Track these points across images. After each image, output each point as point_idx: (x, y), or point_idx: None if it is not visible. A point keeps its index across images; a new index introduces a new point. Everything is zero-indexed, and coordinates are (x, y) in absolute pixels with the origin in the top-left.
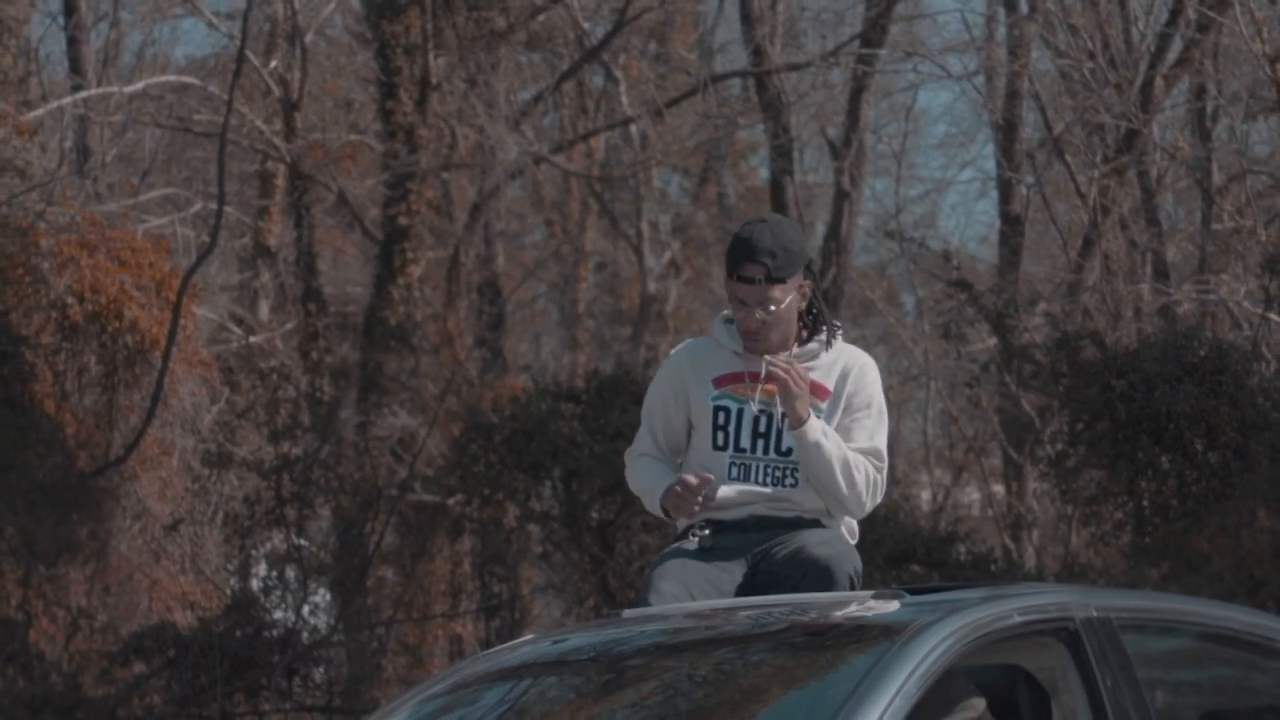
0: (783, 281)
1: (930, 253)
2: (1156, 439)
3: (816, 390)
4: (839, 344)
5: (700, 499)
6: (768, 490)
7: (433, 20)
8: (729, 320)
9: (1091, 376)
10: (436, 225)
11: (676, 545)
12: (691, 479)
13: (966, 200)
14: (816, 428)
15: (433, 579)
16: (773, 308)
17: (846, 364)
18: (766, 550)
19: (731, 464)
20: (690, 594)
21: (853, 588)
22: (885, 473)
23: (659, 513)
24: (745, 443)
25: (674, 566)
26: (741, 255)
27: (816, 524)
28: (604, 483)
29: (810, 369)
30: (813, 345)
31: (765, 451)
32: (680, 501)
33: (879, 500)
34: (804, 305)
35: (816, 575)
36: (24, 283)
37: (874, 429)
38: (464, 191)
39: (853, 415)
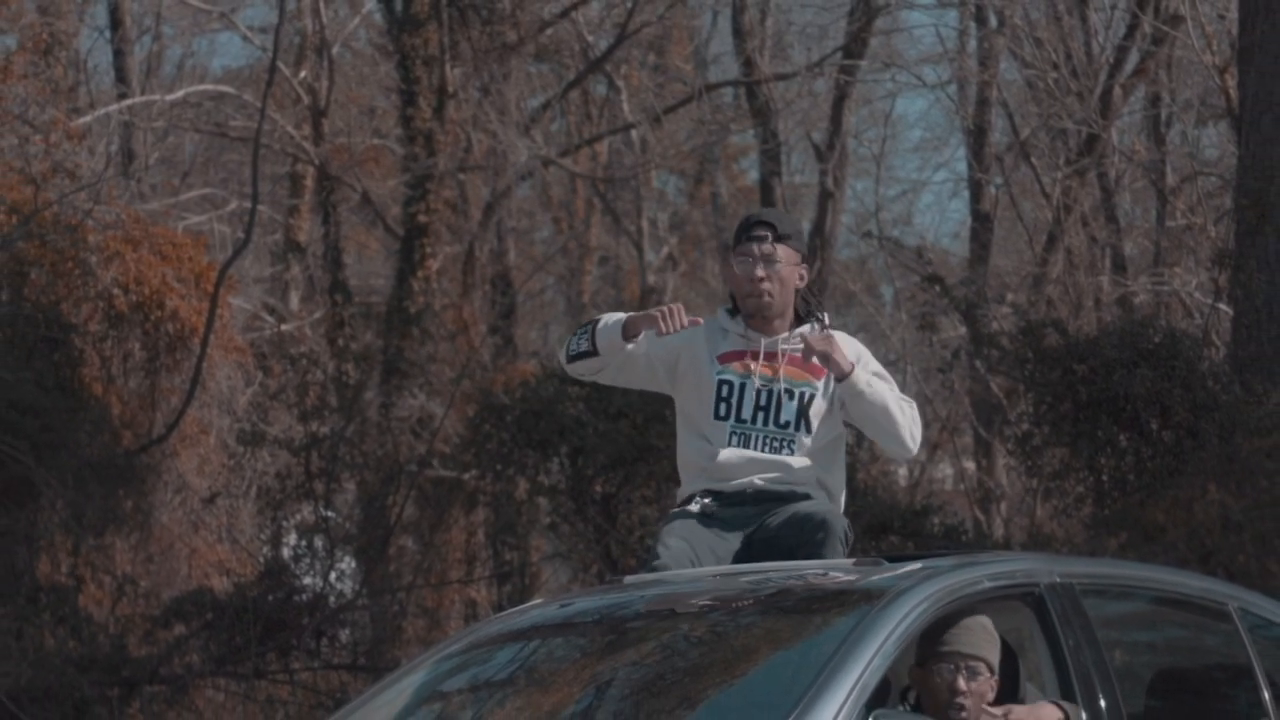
0: (786, 243)
1: (906, 249)
2: (1115, 419)
3: (812, 370)
4: (827, 332)
5: (678, 323)
6: (766, 456)
7: (449, 34)
8: (730, 311)
9: (1055, 361)
10: (453, 222)
11: (680, 510)
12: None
13: (940, 199)
14: (861, 376)
15: (449, 548)
16: (776, 265)
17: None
18: (762, 522)
19: (733, 433)
20: (695, 552)
21: (846, 542)
22: (915, 407)
23: (612, 336)
24: (746, 414)
25: (680, 527)
26: (752, 220)
27: (806, 497)
28: (607, 459)
29: (801, 350)
30: (806, 327)
31: (765, 423)
32: (661, 319)
33: (920, 436)
34: (801, 287)
35: (814, 528)
36: (74, 275)
37: (891, 384)
38: (478, 191)
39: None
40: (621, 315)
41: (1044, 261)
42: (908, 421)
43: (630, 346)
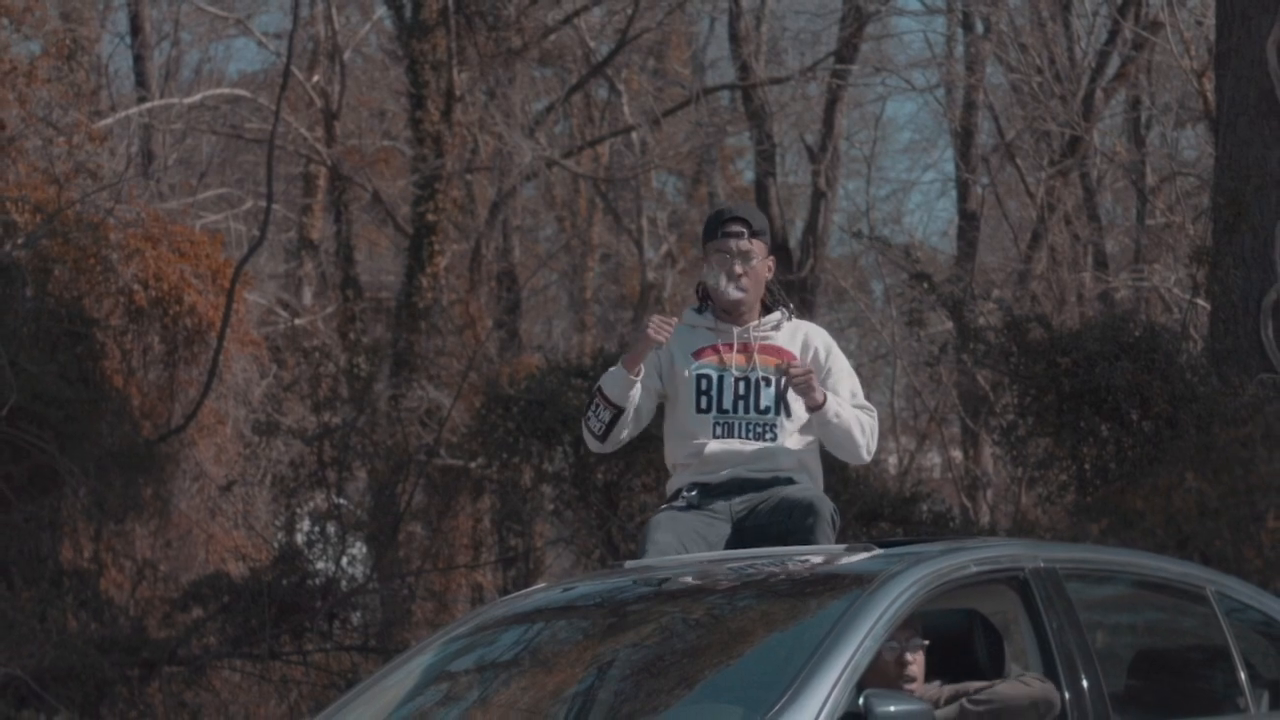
0: (759, 239)
1: (896, 247)
2: (1097, 410)
3: (783, 354)
4: (794, 320)
5: (667, 328)
6: (750, 447)
7: (457, 39)
8: (698, 309)
9: (1039, 355)
10: (460, 221)
11: (668, 505)
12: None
13: (929, 199)
14: (831, 405)
15: (456, 534)
16: (752, 261)
17: (807, 336)
18: (752, 508)
19: (716, 424)
20: (682, 544)
21: (834, 526)
22: (875, 415)
23: (619, 384)
24: (727, 404)
25: (667, 521)
26: (726, 217)
27: (790, 481)
28: None
29: (771, 337)
30: (774, 315)
31: (745, 411)
32: (654, 332)
33: (875, 446)
34: (769, 278)
35: (802, 512)
36: (95, 272)
37: (854, 386)
38: (484, 191)
39: (834, 378)
40: (612, 368)
41: (1028, 259)
42: (866, 439)
43: (636, 380)
